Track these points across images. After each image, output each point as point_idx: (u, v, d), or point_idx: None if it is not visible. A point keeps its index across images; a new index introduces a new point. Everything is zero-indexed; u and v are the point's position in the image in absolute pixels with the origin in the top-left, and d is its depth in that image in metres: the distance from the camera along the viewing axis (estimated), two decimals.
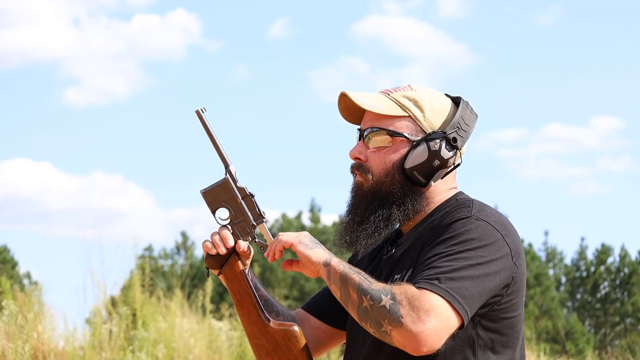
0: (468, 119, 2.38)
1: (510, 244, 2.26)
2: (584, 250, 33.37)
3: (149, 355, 7.44)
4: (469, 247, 2.21)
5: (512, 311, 2.29)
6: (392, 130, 2.35)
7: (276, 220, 31.61)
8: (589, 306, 32.59)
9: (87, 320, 8.50)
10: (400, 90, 2.40)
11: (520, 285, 2.30)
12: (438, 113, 2.37)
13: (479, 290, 2.19)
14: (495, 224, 2.26)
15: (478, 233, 2.23)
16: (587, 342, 26.73)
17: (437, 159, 2.33)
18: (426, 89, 2.41)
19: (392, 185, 2.35)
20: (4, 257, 32.75)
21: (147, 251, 31.85)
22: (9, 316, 7.01)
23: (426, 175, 2.34)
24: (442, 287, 2.15)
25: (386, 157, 2.36)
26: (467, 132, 2.38)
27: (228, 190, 2.42)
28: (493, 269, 2.21)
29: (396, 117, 2.36)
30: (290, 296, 28.23)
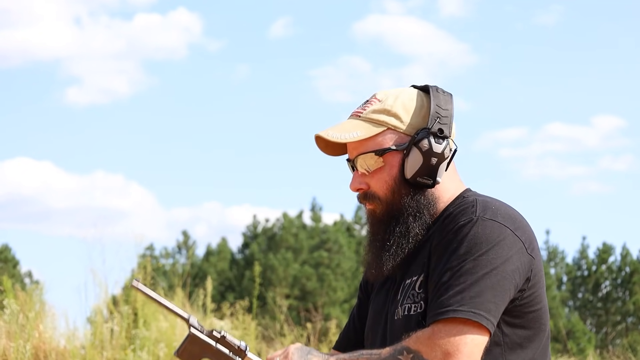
0: (444, 103, 2.35)
1: (521, 236, 2.24)
2: (585, 250, 33.37)
3: (150, 354, 7.44)
4: (480, 252, 2.19)
5: (536, 304, 2.27)
6: (379, 150, 2.32)
7: (277, 220, 31.60)
8: (590, 305, 32.59)
9: (89, 319, 8.50)
10: (368, 105, 2.37)
11: (540, 276, 2.28)
12: (413, 111, 2.34)
13: (501, 296, 2.18)
14: (502, 219, 2.24)
15: (485, 235, 2.21)
16: (589, 341, 26.74)
17: (433, 156, 2.31)
18: (392, 92, 2.38)
19: (402, 200, 2.33)
20: (5, 256, 32.76)
21: (149, 250, 31.85)
22: (10, 315, 7.01)
23: (430, 176, 2.32)
24: (464, 309, 2.14)
25: (385, 177, 2.33)
26: (449, 117, 2.34)
27: (199, 342, 2.32)
28: (509, 268, 2.19)
29: (376, 135, 2.33)
30: (291, 295, 28.22)
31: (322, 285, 28.72)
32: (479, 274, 2.17)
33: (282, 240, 30.59)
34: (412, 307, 2.29)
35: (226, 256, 32.25)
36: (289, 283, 28.68)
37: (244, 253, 31.49)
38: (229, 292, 28.87)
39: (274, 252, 29.88)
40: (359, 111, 2.38)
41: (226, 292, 28.98)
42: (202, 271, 29.33)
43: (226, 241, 33.08)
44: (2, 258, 32.59)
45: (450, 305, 2.15)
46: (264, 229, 31.61)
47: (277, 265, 28.64)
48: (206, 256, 32.30)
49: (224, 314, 9.42)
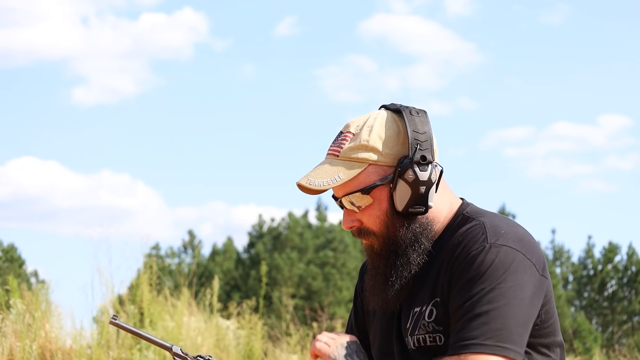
0: (420, 125, 2.29)
1: (532, 258, 2.22)
2: (591, 249, 33.34)
3: (156, 354, 7.44)
4: (498, 282, 2.16)
5: (548, 319, 2.27)
6: (364, 188, 2.27)
7: (282, 219, 31.60)
8: (596, 304, 32.55)
9: (95, 318, 8.50)
10: (344, 143, 2.31)
11: (551, 293, 2.28)
12: (391, 141, 2.29)
13: (525, 324, 2.17)
14: (513, 243, 2.21)
15: (501, 262, 2.18)
16: (595, 340, 26.70)
17: (420, 185, 2.26)
18: (364, 122, 2.31)
19: (398, 232, 2.29)
20: (11, 255, 32.79)
21: (154, 250, 31.87)
22: (16, 315, 7.02)
23: (422, 204, 2.27)
24: (490, 342, 2.13)
25: (376, 212, 2.30)
26: (428, 140, 2.29)
27: None
28: (528, 294, 2.18)
29: (359, 174, 2.28)
30: (297, 295, 28.22)
31: (327, 284, 28.71)
32: (501, 304, 2.15)
33: (288, 240, 30.59)
34: (427, 338, 2.28)
35: (232, 256, 32.25)
36: (294, 282, 28.68)
37: (250, 252, 31.49)
38: (234, 292, 28.87)
39: (280, 252, 29.88)
40: (335, 150, 2.32)
41: (232, 292, 28.98)
42: (208, 271, 29.34)
43: (232, 241, 33.10)
44: (8, 257, 32.63)
45: (475, 338, 2.13)
46: (270, 229, 31.60)
47: (282, 264, 28.63)
48: (212, 256, 32.31)
49: (230, 313, 9.43)
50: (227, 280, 30.16)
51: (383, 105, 2.36)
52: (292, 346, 9.26)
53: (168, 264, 29.97)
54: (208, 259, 32.11)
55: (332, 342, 2.32)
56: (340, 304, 28.30)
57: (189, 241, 33.68)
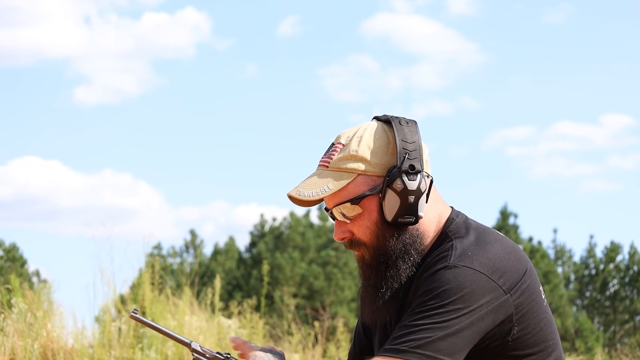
0: (409, 135, 2.28)
1: (499, 280, 2.20)
2: (593, 248, 33.32)
3: (158, 353, 7.44)
4: (447, 300, 2.16)
5: (533, 329, 2.26)
6: (354, 198, 2.27)
7: (284, 219, 31.61)
8: (598, 304, 32.54)
9: (97, 318, 8.51)
10: (334, 153, 2.31)
11: (530, 305, 2.25)
12: (380, 150, 2.28)
13: (461, 342, 2.16)
14: (478, 266, 2.20)
15: (457, 283, 2.17)
16: (597, 339, 26.70)
17: (409, 194, 2.25)
18: (354, 133, 2.32)
19: (388, 243, 2.28)
20: (13, 255, 32.82)
21: (156, 249, 31.88)
22: (18, 314, 7.02)
23: (411, 214, 2.27)
24: (405, 348, 2.14)
25: (366, 223, 2.29)
26: (417, 149, 2.28)
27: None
28: (475, 316, 2.17)
29: (348, 184, 2.28)
30: (299, 294, 28.22)
31: (329, 284, 28.72)
32: (436, 320, 2.15)
33: (290, 239, 30.60)
34: None
35: (234, 255, 32.27)
36: (296, 282, 28.68)
37: (252, 252, 31.50)
38: (236, 291, 28.88)
39: (282, 251, 29.89)
40: (325, 161, 2.32)
41: (234, 291, 28.99)
42: (210, 270, 29.36)
43: (234, 240, 33.12)
44: (10, 257, 32.66)
45: (398, 345, 2.15)
46: (271, 228, 31.62)
47: (284, 264, 28.64)
48: (214, 255, 32.33)
49: (232, 312, 9.43)
50: (229, 280, 30.17)
51: (375, 117, 2.36)
52: (294, 345, 9.27)
53: (170, 263, 29.97)
54: (210, 258, 32.13)
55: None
56: (342, 303, 28.31)
57: (191, 240, 33.72)
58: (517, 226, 31.08)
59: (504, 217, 30.83)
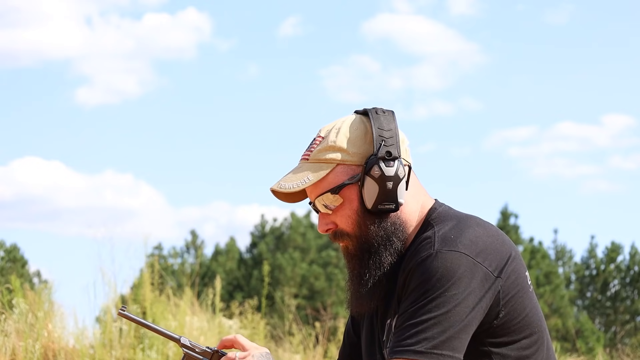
0: (386, 124, 2.30)
1: (484, 262, 2.20)
2: (594, 249, 33.32)
3: (159, 353, 7.45)
4: (441, 289, 2.16)
5: (518, 315, 2.26)
6: (334, 187, 2.29)
7: (285, 219, 31.61)
8: (599, 304, 32.54)
9: (98, 318, 8.51)
10: (314, 146, 2.34)
11: (516, 288, 2.25)
12: (358, 140, 2.30)
13: (466, 330, 2.17)
14: (463, 248, 2.20)
15: (445, 269, 2.17)
16: (598, 340, 26.69)
17: (387, 180, 2.26)
18: (335, 125, 2.35)
19: (369, 231, 2.29)
20: (14, 255, 32.83)
21: (157, 249, 31.89)
22: (19, 315, 7.02)
23: (391, 200, 2.28)
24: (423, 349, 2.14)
25: (348, 212, 2.30)
26: (394, 136, 2.29)
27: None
28: (472, 301, 2.17)
29: (327, 174, 2.30)
30: (299, 294, 28.22)
31: (330, 284, 28.73)
32: (441, 312, 2.15)
33: (290, 240, 30.61)
34: None
35: (234, 256, 32.27)
36: (297, 282, 28.69)
37: (252, 252, 31.51)
38: (237, 292, 28.88)
39: (282, 252, 29.90)
40: (306, 154, 2.36)
41: (234, 292, 28.99)
42: (211, 271, 29.35)
43: (234, 241, 33.13)
44: (11, 257, 32.66)
45: (411, 345, 2.15)
46: (272, 229, 31.63)
47: (285, 264, 28.64)
48: (214, 255, 32.33)
49: (233, 313, 9.43)
50: (229, 280, 30.17)
51: (355, 111, 2.39)
52: (294, 346, 9.27)
53: (171, 263, 29.99)
54: (211, 258, 32.12)
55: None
56: (343, 303, 28.29)
57: (192, 241, 33.71)
58: (517, 226, 31.09)
59: (504, 217, 30.84)
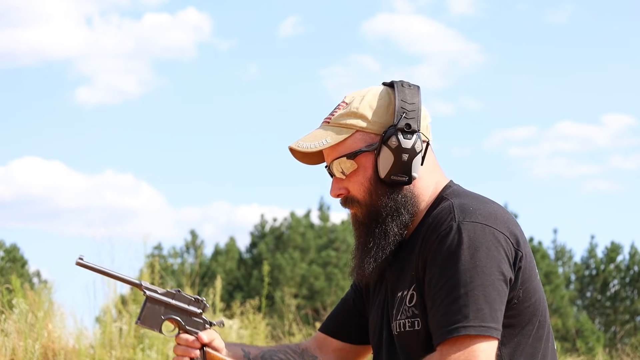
0: (410, 97, 2.32)
1: (505, 231, 2.21)
2: (594, 249, 33.31)
3: (159, 353, 7.44)
4: (469, 261, 2.16)
5: (529, 298, 2.25)
6: (350, 153, 2.31)
7: (285, 219, 31.59)
8: (598, 304, 32.53)
9: (97, 318, 8.50)
10: (337, 110, 2.36)
11: (530, 270, 2.26)
12: (380, 110, 2.32)
13: (501, 300, 2.17)
14: (483, 219, 2.21)
15: (470, 240, 2.18)
16: (597, 340, 26.67)
17: (403, 152, 2.27)
18: (359, 92, 2.36)
19: (380, 200, 2.30)
20: (14, 255, 32.81)
21: (157, 250, 31.89)
22: (19, 315, 7.01)
23: (405, 173, 2.29)
24: (473, 324, 2.13)
25: (361, 179, 2.32)
26: (416, 110, 2.31)
27: (157, 302, 2.39)
28: (501, 269, 2.18)
29: (346, 139, 2.31)
30: (299, 294, 28.22)
31: (330, 284, 28.71)
32: (476, 284, 2.15)
33: (290, 240, 30.60)
34: (407, 323, 2.28)
35: (234, 256, 32.27)
36: (297, 282, 28.68)
37: (252, 252, 31.50)
38: (237, 292, 28.88)
39: (282, 252, 29.89)
40: (328, 118, 2.37)
41: (234, 292, 28.99)
42: (211, 271, 29.34)
43: (234, 240, 33.11)
44: (11, 257, 32.65)
45: (459, 322, 2.14)
46: (272, 229, 31.61)
47: (285, 264, 28.63)
48: (214, 255, 32.32)
49: (234, 313, 9.43)
50: (229, 280, 30.17)
51: (383, 83, 2.39)
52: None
53: (171, 263, 29.99)
54: (210, 258, 32.12)
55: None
56: None
57: (192, 241, 33.70)
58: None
59: None
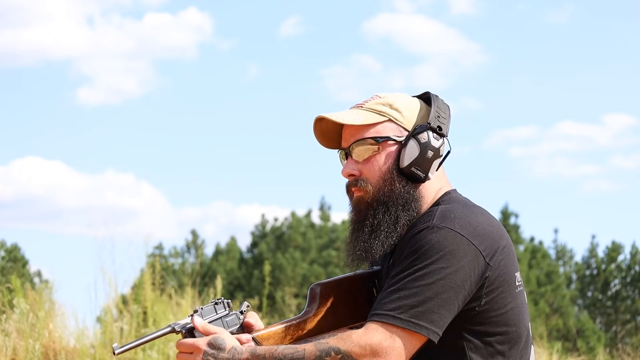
0: (443, 108, 2.40)
1: (479, 245, 2.24)
2: (595, 248, 33.30)
3: (160, 353, 7.45)
4: (429, 260, 2.20)
5: (499, 308, 2.27)
6: (377, 137, 2.35)
7: (285, 219, 31.59)
8: (599, 304, 32.52)
9: (98, 318, 8.51)
10: (371, 100, 2.41)
11: (502, 281, 2.27)
12: (413, 110, 2.39)
13: (447, 306, 2.19)
14: (459, 228, 2.24)
15: (439, 243, 2.22)
16: (598, 340, 26.68)
17: (430, 149, 2.34)
18: (394, 93, 2.42)
19: (393, 188, 2.33)
20: (15, 255, 32.82)
21: (158, 249, 31.89)
22: (20, 314, 7.02)
23: (424, 169, 2.34)
24: (403, 317, 2.17)
25: (380, 164, 2.35)
26: (447, 120, 2.40)
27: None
28: (459, 277, 2.20)
29: (377, 123, 2.36)
30: (300, 294, 28.22)
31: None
32: (425, 283, 2.19)
33: (291, 240, 30.60)
34: None
35: (235, 255, 32.27)
36: (297, 282, 28.68)
37: (253, 252, 31.50)
38: (238, 292, 28.89)
39: (283, 252, 29.89)
40: (361, 103, 2.42)
41: (235, 292, 29.00)
42: (211, 270, 29.35)
43: (235, 240, 33.11)
44: (12, 257, 32.65)
45: (392, 310, 2.18)
46: (273, 228, 31.61)
47: (285, 264, 28.63)
48: (215, 255, 32.33)
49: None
50: (230, 280, 30.17)
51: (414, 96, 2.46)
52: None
53: (172, 263, 29.99)
54: (211, 258, 32.13)
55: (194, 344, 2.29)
56: None
57: (192, 241, 33.71)
58: (518, 226, 31.06)
59: (505, 217, 30.81)
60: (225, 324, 2.40)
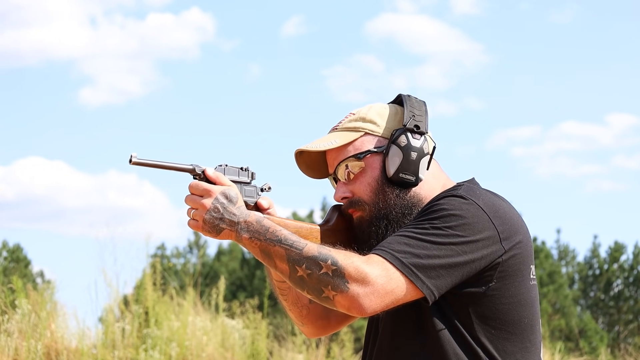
0: (417, 106, 2.37)
1: (499, 225, 2.22)
2: (597, 248, 33.28)
3: (162, 353, 7.45)
4: (446, 224, 2.18)
5: (508, 297, 2.24)
6: (357, 154, 2.34)
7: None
8: (602, 304, 32.51)
9: (100, 318, 8.51)
10: (345, 119, 2.40)
11: (516, 270, 2.24)
12: (387, 117, 2.37)
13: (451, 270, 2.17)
14: (483, 204, 2.23)
15: (459, 211, 2.20)
16: (601, 340, 26.66)
17: (412, 151, 2.31)
18: (367, 105, 2.41)
19: (387, 200, 2.32)
20: (17, 255, 32.83)
21: (160, 250, 31.90)
22: (22, 315, 7.03)
23: (413, 172, 2.32)
24: (407, 262, 2.15)
25: (368, 179, 2.34)
26: (423, 116, 2.37)
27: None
28: (470, 250, 2.18)
29: (354, 140, 2.35)
30: None
31: None
32: (437, 241, 2.17)
33: None
34: None
35: (237, 256, 32.27)
36: None
37: None
38: (240, 292, 28.89)
39: None
40: (336, 126, 2.41)
41: (237, 292, 29.00)
42: (214, 271, 29.36)
43: None
44: (14, 257, 32.67)
45: (397, 252, 2.16)
46: None
47: None
48: (217, 256, 32.34)
49: (235, 313, 9.43)
50: (232, 280, 30.17)
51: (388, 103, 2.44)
52: (297, 346, 9.27)
53: (174, 264, 30.00)
54: (213, 259, 32.13)
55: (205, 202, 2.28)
56: None
57: (195, 241, 33.71)
58: None
59: None
60: (243, 191, 2.38)
